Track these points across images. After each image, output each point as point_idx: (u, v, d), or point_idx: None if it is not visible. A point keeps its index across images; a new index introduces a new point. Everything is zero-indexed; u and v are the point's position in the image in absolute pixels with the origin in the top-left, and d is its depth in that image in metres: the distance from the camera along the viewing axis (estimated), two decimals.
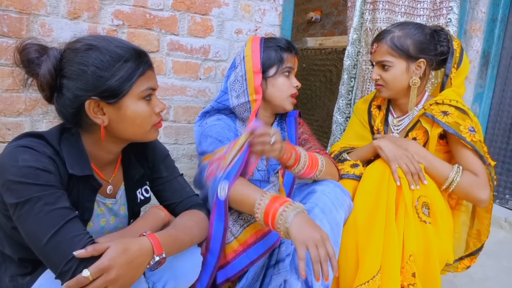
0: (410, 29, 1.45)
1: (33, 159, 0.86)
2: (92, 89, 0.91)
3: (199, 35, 1.88)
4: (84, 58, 0.91)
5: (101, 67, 0.91)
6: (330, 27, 5.08)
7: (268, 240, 1.21)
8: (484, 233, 1.49)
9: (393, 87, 1.48)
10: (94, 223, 1.04)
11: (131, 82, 0.94)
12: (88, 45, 0.92)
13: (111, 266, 0.81)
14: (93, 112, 0.93)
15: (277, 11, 2.02)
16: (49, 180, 0.86)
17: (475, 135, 1.34)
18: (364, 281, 1.26)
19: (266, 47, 1.42)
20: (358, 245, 1.32)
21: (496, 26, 2.48)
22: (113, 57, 0.92)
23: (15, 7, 1.53)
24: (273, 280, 1.24)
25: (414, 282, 1.28)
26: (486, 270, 1.88)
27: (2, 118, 1.58)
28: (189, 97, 1.92)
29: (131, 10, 1.72)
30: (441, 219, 1.34)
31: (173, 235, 0.99)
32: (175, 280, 1.03)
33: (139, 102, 0.97)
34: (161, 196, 1.20)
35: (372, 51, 1.51)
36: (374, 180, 1.36)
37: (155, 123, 1.03)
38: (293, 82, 1.45)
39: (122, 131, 0.99)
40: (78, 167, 0.95)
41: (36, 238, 0.83)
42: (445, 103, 1.42)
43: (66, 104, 0.93)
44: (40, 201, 0.83)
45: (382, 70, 1.47)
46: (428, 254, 1.31)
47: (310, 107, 3.72)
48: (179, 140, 1.94)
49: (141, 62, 0.97)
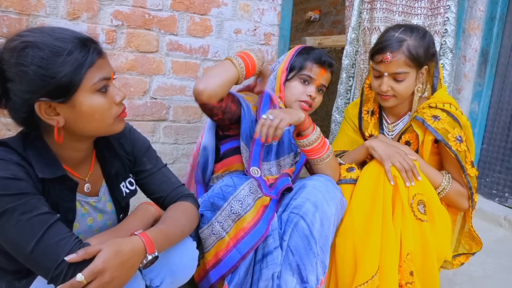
0: (418, 35, 1.38)
1: (0, 169, 0.81)
2: (38, 90, 0.83)
3: (198, 35, 1.88)
4: (22, 57, 0.82)
5: (42, 65, 0.82)
6: (329, 26, 5.09)
7: (256, 233, 1.23)
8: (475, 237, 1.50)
9: (403, 97, 1.43)
10: (80, 223, 1.02)
11: (80, 76, 0.86)
12: (24, 42, 0.83)
13: (105, 269, 0.80)
14: (46, 114, 0.86)
15: (275, 11, 2.03)
16: (20, 188, 0.81)
17: (460, 144, 1.35)
18: (362, 281, 1.27)
19: (300, 54, 1.50)
20: (356, 246, 1.32)
21: (494, 24, 2.48)
22: (53, 51, 0.83)
23: (15, 8, 1.53)
24: (263, 274, 1.25)
25: (412, 280, 1.29)
26: (486, 268, 1.89)
27: (2, 119, 1.58)
28: (188, 97, 1.92)
29: (130, 11, 1.73)
30: (438, 216, 1.35)
31: (164, 230, 0.98)
32: (172, 276, 1.02)
33: (94, 95, 0.89)
34: (148, 190, 1.17)
35: (383, 60, 1.36)
36: (370, 181, 1.36)
37: (118, 114, 0.96)
38: (308, 90, 1.48)
39: (82, 128, 0.92)
40: (49, 170, 0.90)
41: (20, 249, 0.80)
42: (438, 107, 1.39)
43: (17, 109, 0.87)
44: (16, 211, 0.79)
45: (394, 82, 1.38)
46: (425, 252, 1.31)
47: None
48: (178, 140, 1.95)
49: (88, 52, 0.87)
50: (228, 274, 1.22)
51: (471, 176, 1.38)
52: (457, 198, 1.41)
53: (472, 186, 1.39)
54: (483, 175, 2.67)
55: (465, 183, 1.38)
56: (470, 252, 1.52)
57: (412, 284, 1.29)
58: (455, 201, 1.41)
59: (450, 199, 1.41)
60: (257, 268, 1.27)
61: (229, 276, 1.23)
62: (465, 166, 1.36)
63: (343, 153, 1.59)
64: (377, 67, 1.40)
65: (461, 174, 1.38)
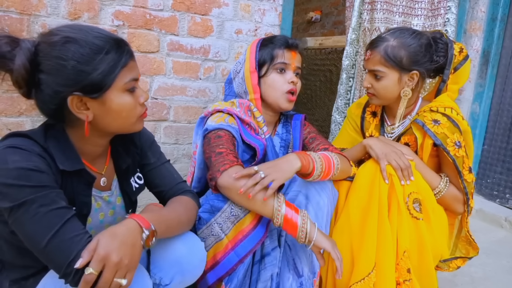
0: (406, 38, 1.40)
1: (23, 159, 0.83)
2: (73, 84, 0.87)
3: (199, 35, 1.88)
4: (63, 52, 0.85)
5: (81, 61, 0.86)
6: (330, 26, 5.09)
7: (255, 236, 1.21)
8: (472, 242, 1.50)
9: (383, 96, 1.46)
10: (93, 218, 1.03)
11: (114, 75, 0.90)
12: (66, 38, 0.87)
13: (108, 253, 0.79)
14: (76, 108, 0.89)
15: (276, 11, 2.03)
16: (41, 180, 0.84)
17: (459, 150, 1.36)
18: (359, 278, 1.27)
19: (262, 46, 1.42)
20: (353, 243, 1.33)
21: (496, 25, 2.48)
22: (93, 49, 0.87)
23: (16, 8, 1.53)
24: (262, 275, 1.24)
25: (410, 278, 1.29)
26: (486, 269, 1.88)
27: (3, 119, 1.59)
28: (189, 97, 1.92)
29: (131, 11, 1.73)
30: (433, 214, 1.35)
31: (156, 211, 0.98)
32: (182, 275, 1.02)
33: (123, 94, 0.93)
34: (151, 183, 1.19)
35: (365, 58, 1.48)
36: (366, 178, 1.37)
37: (141, 114, 1.00)
38: (288, 77, 1.40)
39: (107, 124, 0.96)
40: (68, 162, 0.92)
41: (35, 241, 0.81)
42: (439, 111, 1.40)
43: (47, 100, 0.89)
44: (36, 203, 0.81)
45: (374, 79, 1.44)
46: (421, 250, 1.32)
47: (310, 106, 3.72)
48: (179, 140, 1.95)
49: (123, 53, 0.92)
50: (226, 276, 1.22)
51: (468, 182, 1.38)
52: (452, 202, 1.41)
53: (469, 192, 1.39)
54: (484, 176, 2.66)
55: (462, 188, 1.39)
56: (467, 256, 1.52)
57: (409, 281, 1.29)
58: (450, 204, 1.42)
59: (446, 202, 1.42)
60: (255, 269, 1.27)
61: (227, 277, 1.23)
62: (462, 172, 1.37)
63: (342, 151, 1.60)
64: (364, 63, 1.50)
65: (458, 179, 1.39)
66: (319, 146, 1.47)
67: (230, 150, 1.24)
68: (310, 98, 3.70)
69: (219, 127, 1.31)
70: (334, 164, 1.27)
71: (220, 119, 1.34)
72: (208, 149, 1.28)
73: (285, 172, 1.15)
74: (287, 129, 1.55)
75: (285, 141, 1.53)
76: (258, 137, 1.40)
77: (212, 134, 1.30)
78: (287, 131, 1.54)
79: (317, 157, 1.23)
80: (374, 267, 1.28)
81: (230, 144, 1.27)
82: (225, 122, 1.33)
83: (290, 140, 1.53)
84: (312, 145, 1.50)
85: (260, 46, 1.43)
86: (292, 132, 1.52)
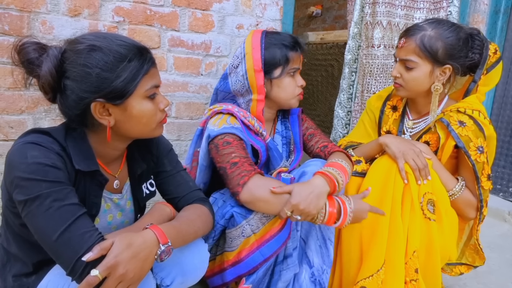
0: (445, 30, 1.34)
1: (42, 155, 0.86)
2: (97, 91, 0.90)
3: (200, 30, 1.87)
4: (88, 59, 0.89)
5: (105, 69, 0.90)
6: (331, 21, 5.07)
7: (280, 238, 1.20)
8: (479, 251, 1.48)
9: (412, 88, 1.40)
10: (101, 219, 1.05)
11: (136, 82, 0.93)
12: (91, 46, 0.90)
13: (118, 263, 0.81)
14: (99, 114, 0.93)
15: (278, 6, 2.01)
16: (58, 176, 0.86)
17: (481, 155, 1.32)
18: (368, 275, 1.26)
19: (270, 44, 1.33)
20: (363, 239, 1.32)
21: (499, 18, 2.46)
22: (116, 57, 0.91)
23: (16, 5, 1.53)
24: (283, 276, 1.24)
25: (417, 278, 1.28)
26: (490, 263, 1.88)
27: (5, 116, 1.58)
28: (191, 93, 1.92)
29: (132, 7, 1.72)
30: (446, 216, 1.33)
31: (176, 226, 0.99)
32: (183, 276, 1.03)
33: (144, 101, 0.96)
34: (165, 190, 1.20)
35: (398, 45, 1.40)
36: (380, 176, 1.34)
37: (161, 119, 1.03)
38: (298, 81, 1.39)
39: (128, 130, 0.99)
40: (84, 162, 0.94)
41: (46, 235, 0.83)
42: (466, 113, 1.35)
43: (71, 106, 0.92)
44: (50, 198, 0.83)
45: (404, 69, 1.39)
46: (430, 250, 1.30)
47: (312, 102, 3.71)
48: (181, 136, 1.95)
49: (145, 60, 0.95)
50: (247, 275, 1.21)
51: (484, 189, 1.35)
52: (465, 207, 1.38)
53: (484, 199, 1.36)
54: None
55: (477, 194, 1.35)
56: (472, 264, 1.49)
57: (416, 281, 1.29)
58: (462, 209, 1.38)
59: (458, 206, 1.38)
60: (277, 269, 1.26)
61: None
62: (480, 178, 1.33)
63: (357, 146, 1.57)
64: (396, 50, 1.44)
65: (474, 185, 1.35)
66: (318, 144, 1.46)
67: (244, 157, 1.21)
68: (311, 93, 3.69)
69: (223, 132, 1.26)
70: (348, 173, 1.27)
71: (221, 121, 1.29)
72: (219, 158, 1.23)
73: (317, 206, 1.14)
74: (285, 125, 1.53)
75: (286, 138, 1.53)
76: (259, 138, 1.38)
77: (218, 140, 1.25)
78: (286, 127, 1.53)
79: (337, 175, 1.21)
80: (383, 264, 1.27)
81: (241, 149, 1.23)
82: (227, 124, 1.28)
83: (291, 137, 1.52)
84: (311, 142, 1.48)
85: (265, 42, 1.34)
86: (291, 128, 1.51)
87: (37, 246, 0.86)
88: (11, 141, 1.60)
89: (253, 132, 1.38)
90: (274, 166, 1.41)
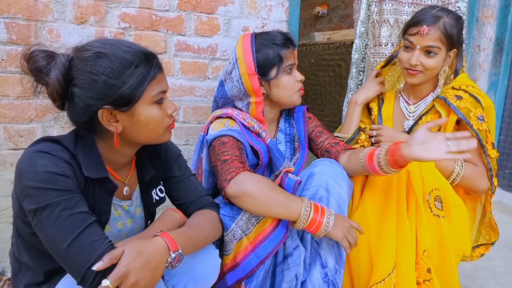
0: (453, 16, 1.40)
1: (51, 164, 0.86)
2: (104, 98, 0.90)
3: (206, 34, 1.87)
4: (94, 67, 0.89)
5: (111, 76, 0.89)
6: (337, 21, 5.04)
7: (275, 237, 1.20)
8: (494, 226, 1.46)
9: (430, 74, 1.44)
10: (112, 226, 1.05)
11: (143, 88, 0.93)
12: (97, 53, 0.90)
13: (129, 272, 0.80)
14: (106, 120, 0.93)
15: (283, 7, 2.00)
16: (67, 184, 0.86)
17: (482, 124, 1.36)
18: (379, 279, 1.24)
19: (261, 45, 1.34)
20: (371, 243, 1.30)
21: (509, 11, 2.41)
22: (123, 64, 0.90)
23: (23, 14, 1.54)
24: (286, 276, 1.23)
25: (430, 277, 1.26)
26: (508, 262, 1.84)
27: (15, 125, 1.59)
28: (198, 97, 1.91)
29: (137, 12, 1.72)
30: (455, 211, 1.32)
31: (186, 233, 0.99)
32: (194, 283, 1.02)
33: (152, 106, 0.96)
34: (174, 196, 1.20)
35: (420, 33, 1.38)
36: (382, 178, 1.34)
37: (168, 125, 1.02)
38: (296, 76, 1.38)
39: (136, 136, 0.99)
40: (93, 169, 0.94)
41: (56, 244, 0.83)
42: (461, 89, 1.41)
43: (79, 113, 0.92)
44: (59, 206, 0.83)
45: (426, 56, 1.40)
46: (443, 248, 1.28)
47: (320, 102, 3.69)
48: (189, 141, 1.94)
49: (151, 66, 0.95)
50: (245, 278, 1.20)
51: (491, 157, 1.37)
52: (474, 180, 1.38)
53: (492, 168, 1.37)
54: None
55: (485, 163, 1.37)
56: (489, 242, 1.50)
57: (430, 281, 1.26)
58: (473, 183, 1.38)
59: (467, 183, 1.38)
60: (278, 270, 1.25)
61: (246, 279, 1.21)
62: (485, 146, 1.35)
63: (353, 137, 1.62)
64: (411, 38, 1.41)
65: (481, 154, 1.37)
66: (329, 140, 1.46)
67: (236, 156, 1.21)
68: (319, 93, 3.67)
69: (220, 134, 1.28)
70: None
71: (220, 125, 1.32)
72: (213, 157, 1.26)
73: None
74: (290, 123, 1.53)
75: (289, 135, 1.52)
76: (260, 139, 1.38)
77: (216, 142, 1.28)
78: (290, 125, 1.53)
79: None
80: (394, 267, 1.25)
81: (235, 149, 1.24)
82: (225, 127, 1.30)
83: (295, 134, 1.51)
84: (321, 138, 1.48)
85: (256, 44, 1.34)
86: (296, 125, 1.51)
87: (48, 255, 0.86)
88: (21, 150, 1.61)
89: (254, 133, 1.38)
90: (278, 167, 1.40)
